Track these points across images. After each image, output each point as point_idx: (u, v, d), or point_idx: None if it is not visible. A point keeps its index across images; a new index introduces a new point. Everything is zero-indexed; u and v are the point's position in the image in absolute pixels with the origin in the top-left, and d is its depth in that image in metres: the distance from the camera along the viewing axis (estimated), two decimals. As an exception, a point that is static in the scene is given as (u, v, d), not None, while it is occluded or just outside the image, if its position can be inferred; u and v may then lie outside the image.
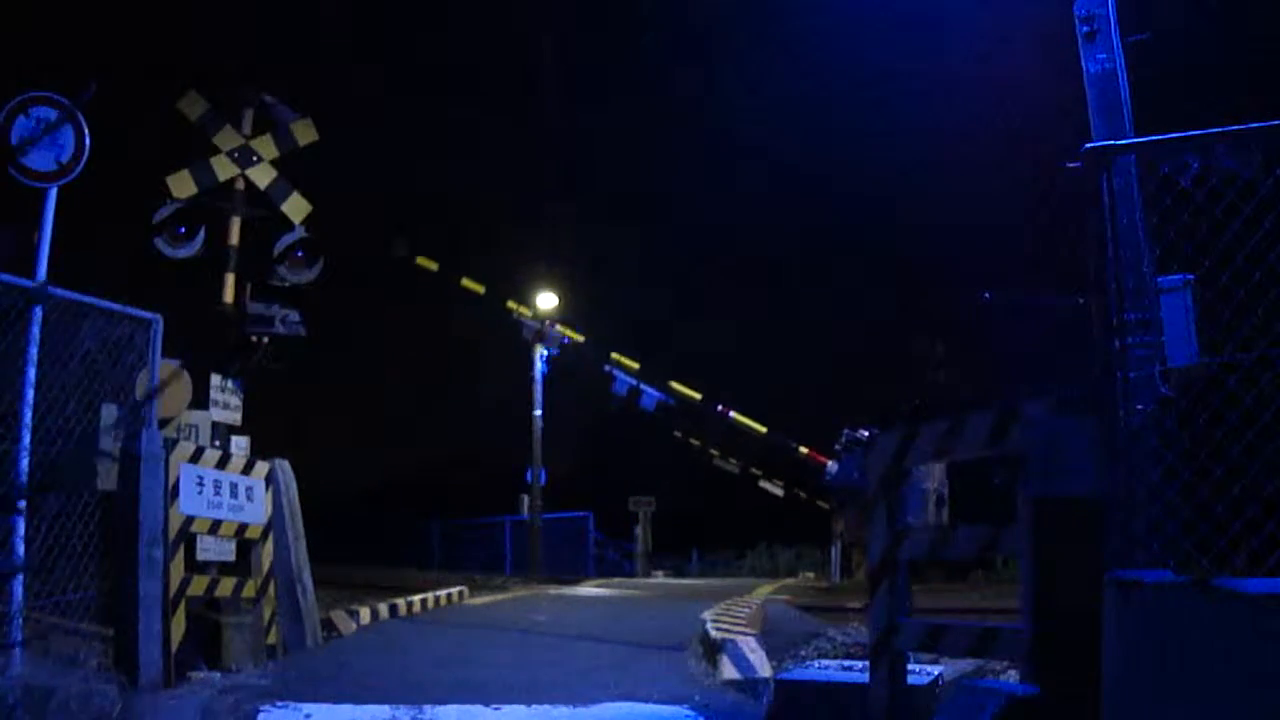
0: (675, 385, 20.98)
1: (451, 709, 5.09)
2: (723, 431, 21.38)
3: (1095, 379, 3.32)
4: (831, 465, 16.93)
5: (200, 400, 8.11)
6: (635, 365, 20.97)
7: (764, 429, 20.03)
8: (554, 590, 15.77)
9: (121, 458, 5.72)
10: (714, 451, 22.27)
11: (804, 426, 20.23)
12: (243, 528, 6.92)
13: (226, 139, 9.17)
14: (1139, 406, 3.42)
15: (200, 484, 6.41)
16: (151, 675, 5.42)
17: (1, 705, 4.32)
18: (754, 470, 21.53)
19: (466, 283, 20.80)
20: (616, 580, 19.52)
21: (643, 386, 20.82)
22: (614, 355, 21.24)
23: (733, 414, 20.36)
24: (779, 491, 21.48)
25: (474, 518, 27.01)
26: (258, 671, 6.27)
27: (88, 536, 5.42)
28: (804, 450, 19.20)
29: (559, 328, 21.58)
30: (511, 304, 21.37)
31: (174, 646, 5.78)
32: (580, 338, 21.55)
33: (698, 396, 20.70)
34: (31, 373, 5.32)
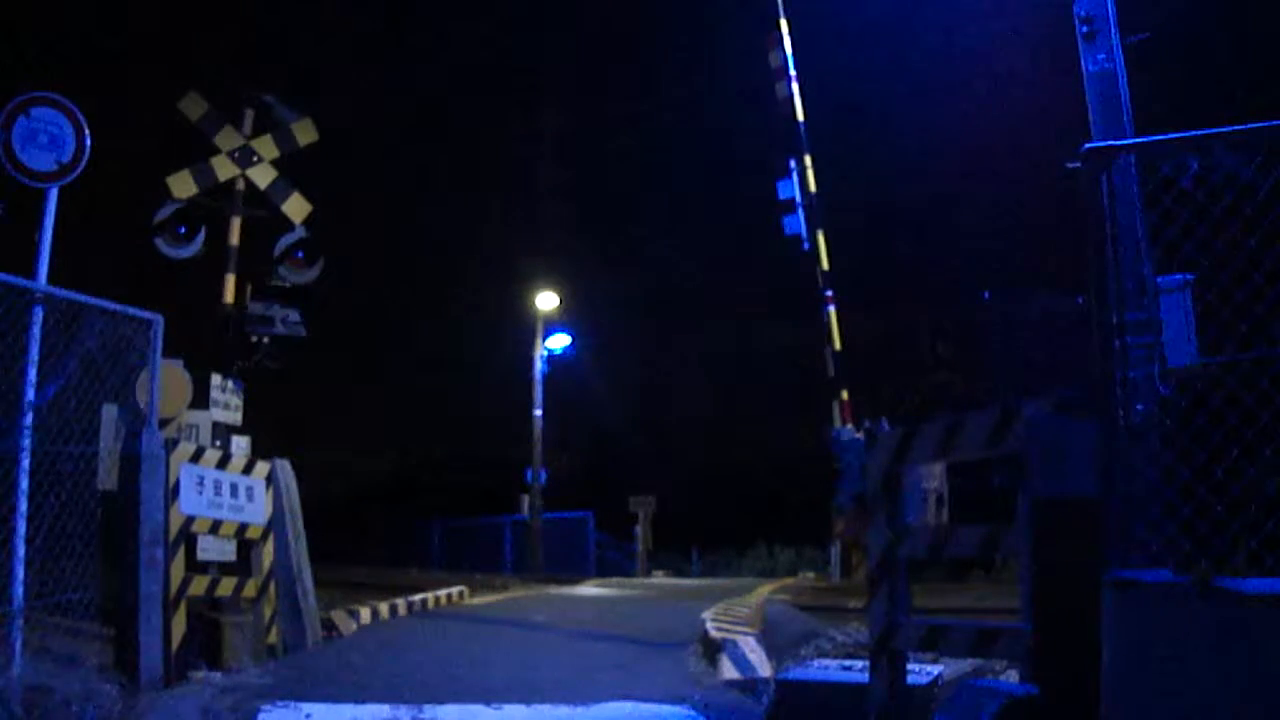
0: (822, 241, 18.09)
1: (451, 708, 5.09)
2: (816, 318, 18.45)
3: (1095, 379, 3.32)
4: (846, 430, 16.50)
5: (200, 400, 8.12)
6: (813, 184, 18.11)
7: (839, 345, 17.85)
8: (554, 590, 15.77)
9: (122, 458, 5.72)
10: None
11: (859, 386, 18.24)
12: (243, 528, 6.92)
13: (227, 139, 9.18)
14: (1138, 407, 3.42)
15: (200, 484, 6.41)
16: (152, 675, 5.43)
17: (2, 705, 4.32)
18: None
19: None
20: (617, 580, 19.51)
21: (800, 209, 18.04)
22: (806, 158, 18.35)
23: (832, 309, 17.88)
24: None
25: (474, 518, 27.01)
26: (258, 671, 6.27)
27: (88, 536, 5.42)
28: (844, 396, 17.66)
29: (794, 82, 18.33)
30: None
31: (174, 646, 5.78)
32: (802, 114, 18.46)
33: (826, 266, 18.04)
34: (32, 373, 5.33)
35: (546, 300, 23.67)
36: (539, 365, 23.32)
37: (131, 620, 5.46)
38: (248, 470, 7.02)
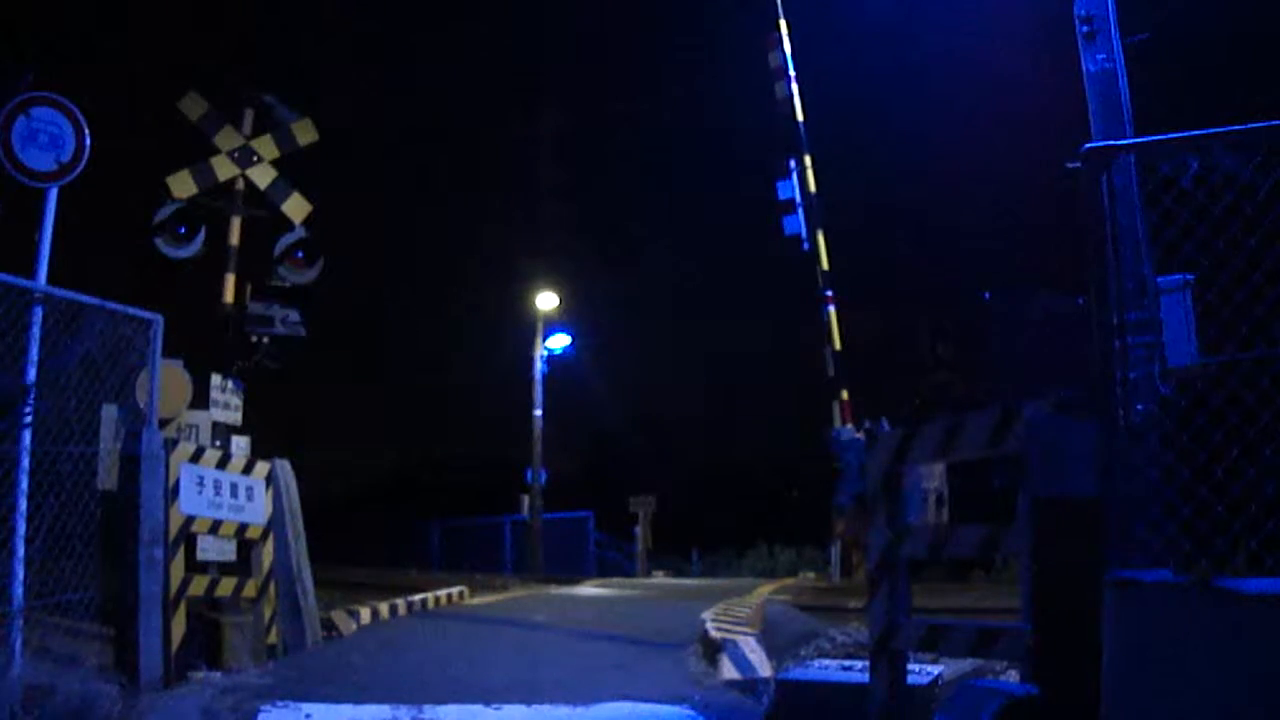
0: (822, 241, 18.05)
1: (451, 709, 5.09)
2: (816, 318, 18.34)
3: (1095, 379, 3.32)
4: (846, 429, 16.45)
5: (200, 400, 8.12)
6: (813, 184, 18.11)
7: (840, 345, 17.80)
8: (554, 590, 15.77)
9: (122, 458, 5.72)
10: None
11: (859, 386, 18.10)
12: (243, 528, 6.92)
13: (227, 139, 9.18)
14: (1138, 407, 3.42)
15: (200, 484, 6.41)
16: (152, 675, 5.42)
17: (2, 705, 4.32)
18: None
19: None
20: (617, 580, 19.51)
21: (800, 209, 17.98)
22: (806, 158, 18.33)
23: (831, 309, 17.84)
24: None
25: (474, 518, 27.00)
26: (258, 671, 6.27)
27: (88, 536, 5.42)
28: (844, 395, 17.60)
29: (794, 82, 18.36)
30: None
31: (174, 646, 5.78)
32: (801, 114, 18.53)
33: (826, 266, 18.01)
34: (32, 373, 5.32)
35: (546, 300, 23.67)
36: (539, 365, 23.31)
37: (131, 620, 5.46)
38: (247, 470, 7.02)
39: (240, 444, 8.41)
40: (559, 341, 23.95)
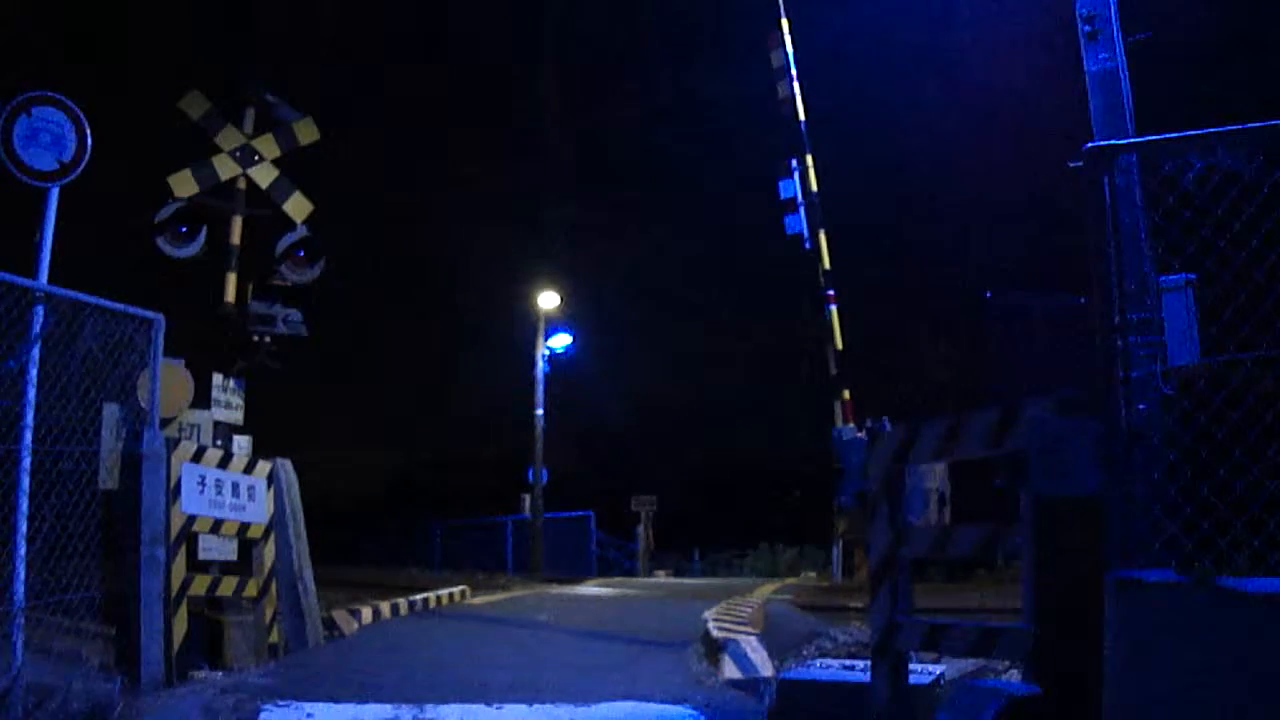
0: (823, 238, 17.93)
1: (453, 708, 5.09)
2: (811, 316, 18.24)
3: (1097, 379, 3.32)
4: (848, 429, 16.44)
5: (202, 400, 8.11)
6: (814, 182, 17.99)
7: (841, 344, 17.67)
8: (555, 590, 15.77)
9: (123, 457, 5.72)
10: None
11: (861, 386, 17.99)
12: (244, 527, 6.92)
13: (228, 138, 9.17)
14: (1140, 406, 3.41)
15: (202, 483, 6.41)
16: (153, 674, 5.43)
17: (3, 705, 4.32)
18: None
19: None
20: (618, 580, 19.51)
21: (801, 207, 17.89)
22: (808, 157, 18.25)
23: (833, 308, 17.71)
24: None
25: (475, 518, 27.02)
26: (259, 670, 6.27)
27: (89, 536, 5.42)
28: (846, 395, 17.48)
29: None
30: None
31: (176, 646, 5.78)
32: (803, 113, 18.35)
33: (827, 265, 17.89)
34: (33, 373, 5.32)
35: (548, 300, 23.66)
36: (540, 365, 23.31)
37: (133, 620, 5.46)
38: (249, 470, 7.02)
39: (242, 443, 8.41)
40: (560, 341, 23.94)
